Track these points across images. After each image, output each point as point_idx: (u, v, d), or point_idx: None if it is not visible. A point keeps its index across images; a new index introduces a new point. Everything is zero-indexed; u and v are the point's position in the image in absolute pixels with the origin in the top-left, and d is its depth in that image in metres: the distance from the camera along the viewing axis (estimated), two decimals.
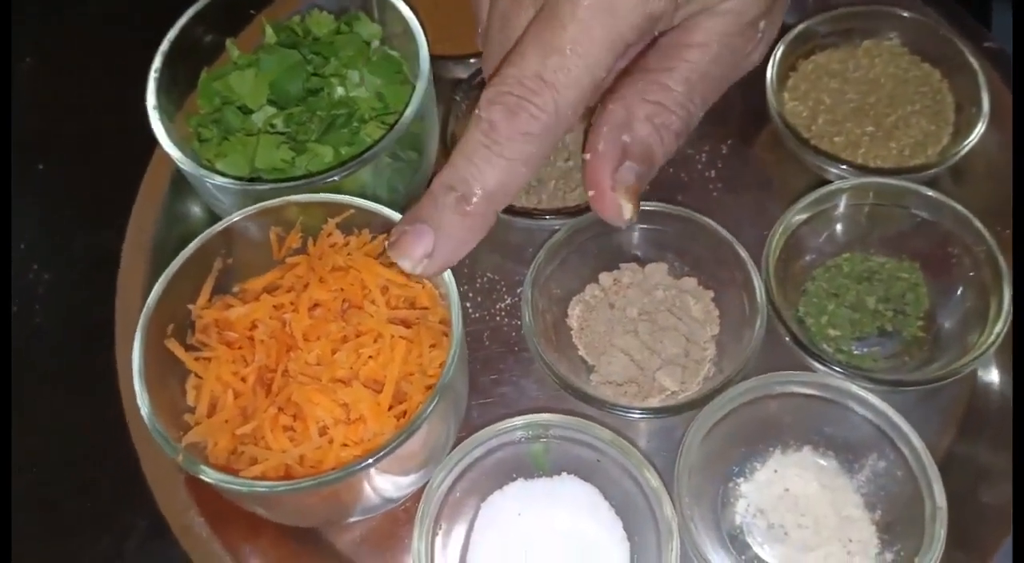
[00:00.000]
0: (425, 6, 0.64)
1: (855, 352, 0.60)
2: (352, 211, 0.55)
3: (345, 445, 0.51)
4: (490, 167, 0.45)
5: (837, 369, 0.56)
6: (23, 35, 0.81)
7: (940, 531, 0.49)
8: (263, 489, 0.48)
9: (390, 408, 0.52)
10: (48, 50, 0.82)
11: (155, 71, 0.60)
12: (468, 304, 0.65)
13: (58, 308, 0.70)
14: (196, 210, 0.69)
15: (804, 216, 0.60)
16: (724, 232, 0.58)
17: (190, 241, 0.54)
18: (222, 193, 0.59)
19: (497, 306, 0.64)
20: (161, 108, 0.59)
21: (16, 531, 0.58)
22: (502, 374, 0.62)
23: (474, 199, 0.46)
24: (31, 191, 0.75)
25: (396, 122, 0.58)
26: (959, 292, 0.59)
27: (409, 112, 0.58)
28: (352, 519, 0.57)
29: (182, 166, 0.58)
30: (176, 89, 0.62)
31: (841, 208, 0.60)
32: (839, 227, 0.61)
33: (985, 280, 0.57)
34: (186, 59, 0.62)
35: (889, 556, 0.52)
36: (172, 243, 0.65)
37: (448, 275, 0.53)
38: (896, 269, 0.61)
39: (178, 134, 0.61)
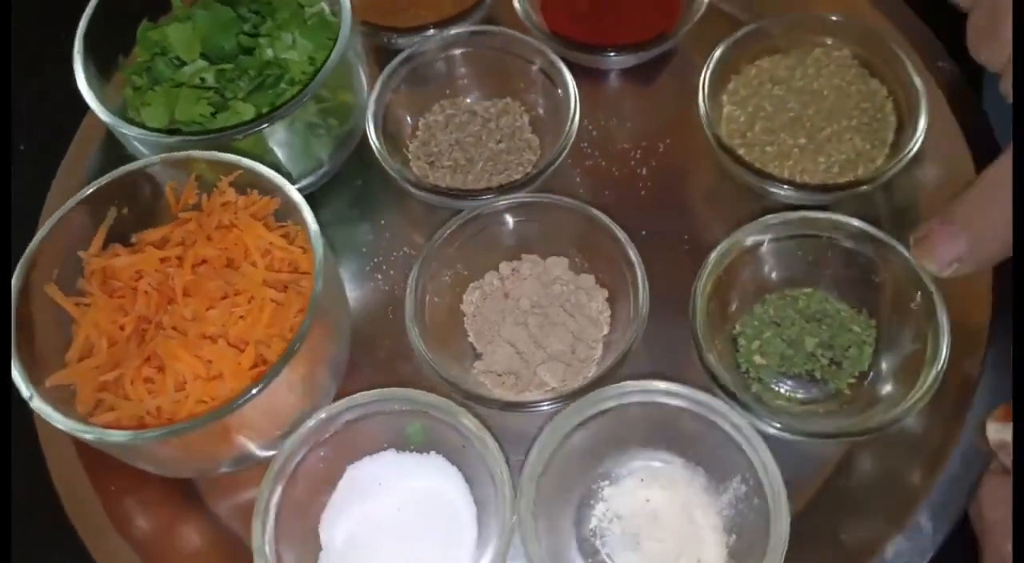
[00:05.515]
0: None
1: (772, 386, 0.57)
2: (241, 171, 0.56)
3: (202, 401, 0.52)
4: None
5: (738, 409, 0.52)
6: None
7: None
8: (120, 438, 0.49)
9: (253, 367, 0.52)
10: None
11: (86, 18, 0.61)
12: (379, 276, 0.65)
13: None
14: None
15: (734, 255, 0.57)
16: (619, 231, 0.57)
17: None
18: (139, 144, 0.60)
19: (408, 280, 0.64)
20: (87, 53, 0.60)
21: None
22: (401, 346, 0.60)
23: None
24: None
25: (309, 82, 0.58)
26: (898, 359, 0.55)
27: (322, 74, 0.58)
28: (224, 469, 0.57)
29: (96, 111, 0.59)
30: (113, 42, 0.63)
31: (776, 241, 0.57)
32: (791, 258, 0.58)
33: (925, 353, 0.53)
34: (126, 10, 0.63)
35: None
36: None
37: (316, 231, 0.53)
38: (850, 320, 0.57)
39: (115, 85, 0.62)
